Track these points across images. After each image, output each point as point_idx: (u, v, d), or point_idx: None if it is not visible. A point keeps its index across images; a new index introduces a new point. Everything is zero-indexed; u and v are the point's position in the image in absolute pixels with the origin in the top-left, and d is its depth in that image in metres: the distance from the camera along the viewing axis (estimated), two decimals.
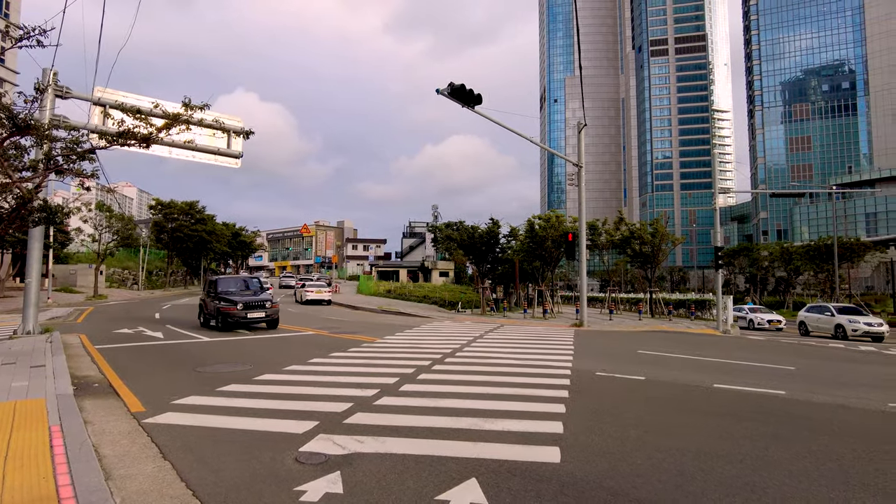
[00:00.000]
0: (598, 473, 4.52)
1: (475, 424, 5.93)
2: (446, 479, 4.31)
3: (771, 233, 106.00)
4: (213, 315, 16.66)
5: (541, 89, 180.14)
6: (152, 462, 4.60)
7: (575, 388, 8.24)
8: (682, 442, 5.52)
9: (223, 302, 16.35)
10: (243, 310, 16.21)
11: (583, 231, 22.11)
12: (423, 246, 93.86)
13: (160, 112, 13.63)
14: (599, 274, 56.70)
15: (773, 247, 53.46)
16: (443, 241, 44.29)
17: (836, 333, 23.21)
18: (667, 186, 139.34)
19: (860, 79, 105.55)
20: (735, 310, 28.66)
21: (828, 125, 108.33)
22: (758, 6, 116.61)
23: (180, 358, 10.99)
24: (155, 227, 53.03)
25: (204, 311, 17.97)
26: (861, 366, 12.89)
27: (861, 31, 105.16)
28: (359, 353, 11.83)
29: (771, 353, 14.67)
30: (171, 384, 8.11)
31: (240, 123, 19.92)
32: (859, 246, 42.28)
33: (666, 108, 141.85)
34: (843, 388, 9.11)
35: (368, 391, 7.56)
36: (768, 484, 4.36)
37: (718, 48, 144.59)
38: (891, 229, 79.17)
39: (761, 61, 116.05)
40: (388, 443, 5.22)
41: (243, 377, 8.67)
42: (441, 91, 16.32)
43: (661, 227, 32.12)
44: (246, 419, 6.10)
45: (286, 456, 4.84)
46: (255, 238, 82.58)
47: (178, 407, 6.65)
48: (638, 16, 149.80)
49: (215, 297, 16.79)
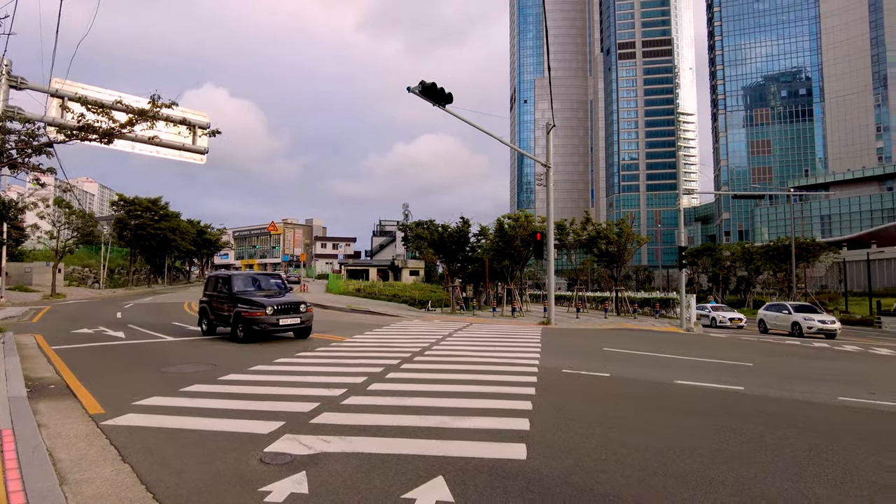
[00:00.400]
0: (564, 469, 4.59)
1: (442, 422, 5.96)
2: (413, 477, 4.32)
3: (733, 233, 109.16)
4: (229, 322, 13.77)
5: (511, 90, 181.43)
6: (111, 465, 4.48)
7: (542, 385, 8.34)
8: (646, 438, 5.65)
9: (246, 305, 13.30)
10: (274, 315, 13.17)
11: (551, 231, 22.36)
12: (393, 245, 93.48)
13: (123, 107, 13.27)
14: (567, 273, 57.39)
15: (734, 247, 55.02)
16: (413, 240, 44.21)
17: (793, 331, 24.01)
18: (633, 187, 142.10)
19: (816, 86, 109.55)
20: (698, 308, 29.40)
21: (786, 130, 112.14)
22: (721, 13, 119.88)
23: (143, 358, 10.72)
24: (117, 224, 51.53)
25: (207, 316, 14.96)
26: (814, 361, 13.37)
27: (817, 40, 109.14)
28: (327, 352, 11.73)
29: (731, 351, 15.10)
30: (133, 385, 7.91)
31: (206, 119, 19.52)
32: (815, 246, 43.83)
33: (633, 111, 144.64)
34: (796, 383, 9.45)
35: (336, 391, 7.51)
36: (726, 477, 4.50)
37: (684, 53, 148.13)
38: (843, 230, 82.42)
39: (724, 66, 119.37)
40: (354, 442, 5.20)
41: (208, 377, 8.52)
42: (412, 89, 16.29)
43: (627, 228, 32.69)
44: (210, 420, 5.99)
45: (251, 456, 4.78)
46: (220, 236, 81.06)
47: (139, 408, 6.49)
48: (606, 19, 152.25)
49: (230, 300, 13.89)
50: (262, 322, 13.04)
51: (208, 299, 15.13)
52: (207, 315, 14.98)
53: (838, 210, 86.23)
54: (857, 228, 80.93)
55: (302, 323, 13.85)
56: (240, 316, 13.21)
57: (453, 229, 35.87)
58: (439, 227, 36.96)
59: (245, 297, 13.74)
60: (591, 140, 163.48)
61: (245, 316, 13.10)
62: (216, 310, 14.59)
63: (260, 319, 13.05)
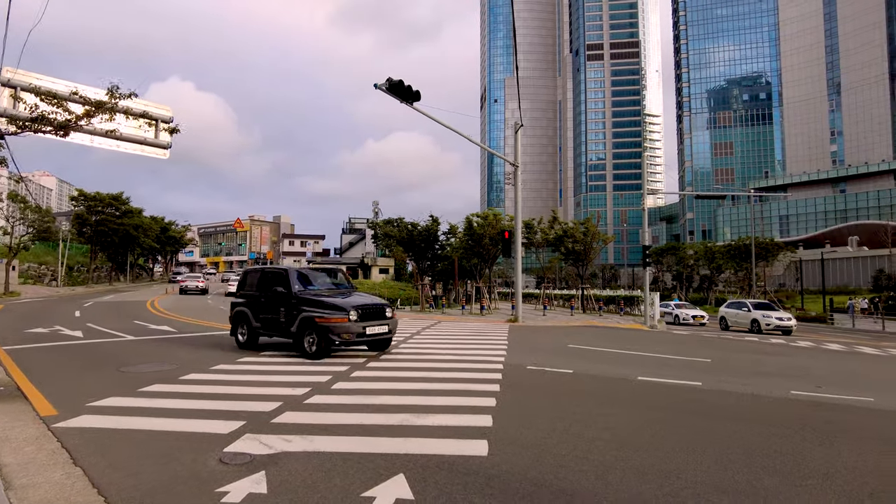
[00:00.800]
0: (524, 465, 4.65)
1: (406, 420, 5.96)
2: (374, 475, 4.32)
3: (697, 233, 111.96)
4: (284, 330, 10.98)
5: (481, 89, 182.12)
6: (61, 469, 4.34)
7: (506, 382, 8.41)
8: (606, 433, 5.76)
9: (317, 309, 10.37)
10: (359, 321, 10.30)
11: (518, 229, 22.56)
12: (363, 242, 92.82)
13: (79, 98, 12.83)
14: (535, 271, 58.06)
15: (697, 246, 56.51)
16: (382, 238, 44.05)
17: (752, 327, 24.79)
18: (600, 187, 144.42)
19: (775, 91, 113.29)
20: (662, 306, 30.07)
21: (748, 132, 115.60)
22: (686, 17, 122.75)
23: (101, 358, 10.41)
24: (77, 219, 49.87)
25: (246, 322, 12.01)
26: (770, 357, 13.83)
27: (776, 46, 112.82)
28: (292, 350, 11.59)
29: (692, 347, 15.50)
30: (89, 385, 7.68)
31: (168, 113, 18.97)
32: (773, 246, 45.37)
33: (601, 112, 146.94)
34: (752, 378, 9.76)
35: (299, 390, 7.44)
36: (682, 470, 4.62)
37: (651, 55, 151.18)
38: (800, 231, 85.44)
39: (689, 69, 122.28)
40: (316, 441, 5.16)
41: (168, 377, 8.33)
42: (379, 86, 16.21)
43: (592, 227, 33.23)
44: (169, 420, 5.87)
45: (209, 457, 4.69)
46: (185, 233, 79.28)
47: (94, 409, 6.30)
48: (576, 20, 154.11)
49: (289, 302, 10.90)
50: (343, 331, 10.11)
51: (246, 300, 12.24)
52: (247, 321, 11.99)
53: (795, 211, 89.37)
54: (812, 229, 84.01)
55: (389, 332, 11.05)
56: (311, 323, 10.32)
57: (422, 227, 35.87)
58: (409, 225, 36.92)
59: (313, 297, 10.79)
60: (559, 140, 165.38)
61: (320, 323, 10.18)
62: (263, 314, 11.62)
63: (341, 328, 10.10)
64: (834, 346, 17.86)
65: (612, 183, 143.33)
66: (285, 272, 11.61)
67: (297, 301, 10.77)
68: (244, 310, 12.15)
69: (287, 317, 10.89)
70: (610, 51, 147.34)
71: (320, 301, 10.59)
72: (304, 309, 10.55)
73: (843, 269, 61.41)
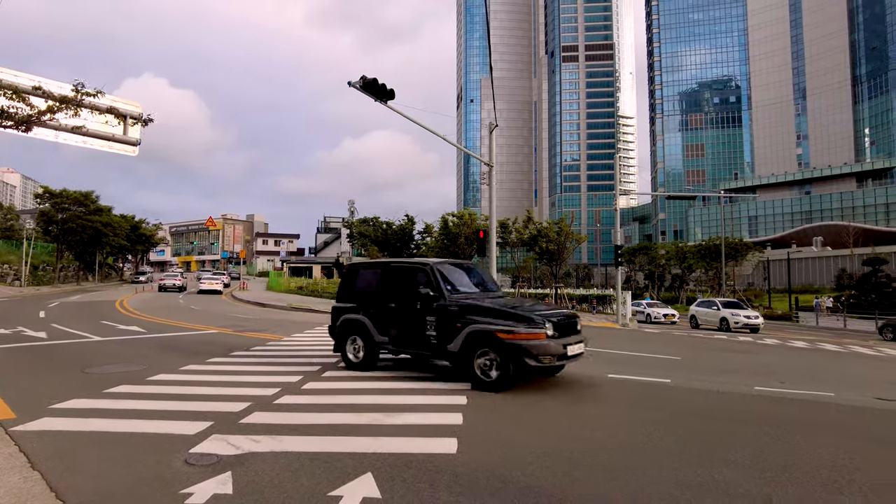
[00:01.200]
0: (492, 463, 4.68)
1: (376, 420, 5.95)
2: (342, 474, 4.30)
3: (669, 233, 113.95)
4: (454, 349, 7.90)
5: (458, 89, 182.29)
6: (18, 473, 4.22)
7: None
8: (576, 430, 5.83)
9: (499, 321, 7.67)
10: (557, 337, 7.73)
11: (493, 229, 22.64)
12: (338, 241, 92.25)
13: (42, 93, 12.48)
14: (511, 270, 58.29)
15: (669, 246, 57.57)
16: (358, 237, 43.82)
17: (721, 326, 25.34)
18: (575, 188, 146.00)
19: (744, 94, 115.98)
20: (634, 304, 30.56)
21: (718, 135, 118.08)
22: (660, 21, 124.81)
23: (66, 359, 10.14)
24: (42, 217, 48.38)
25: (364, 334, 9.11)
26: (738, 355, 14.18)
27: (745, 51, 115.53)
28: (263, 351, 11.47)
29: (663, 345, 15.79)
30: (52, 387, 7.48)
31: (138, 109, 18.55)
32: (742, 246, 46.53)
33: (575, 113, 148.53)
34: (719, 375, 10.00)
35: (269, 390, 7.36)
36: (647, 466, 4.71)
37: (625, 58, 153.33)
38: (768, 231, 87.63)
39: (662, 72, 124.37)
40: (285, 441, 5.12)
41: (135, 378, 8.16)
42: (353, 84, 16.08)
43: (566, 227, 33.58)
44: (134, 421, 5.75)
45: (175, 458, 4.62)
46: (156, 231, 77.62)
47: (56, 412, 6.14)
48: (551, 21, 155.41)
49: (451, 310, 8.05)
50: (542, 351, 7.38)
51: (361, 305, 9.30)
52: (365, 334, 9.08)
53: (763, 212, 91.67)
54: (780, 229, 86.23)
55: (583, 352, 8.37)
56: (489, 340, 7.60)
57: (398, 226, 35.83)
58: (384, 224, 36.84)
59: (483, 304, 8.04)
60: (535, 140, 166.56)
61: (506, 340, 7.45)
62: (395, 325, 8.78)
63: (539, 347, 7.39)
64: (799, 344, 18.37)
65: (587, 183, 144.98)
66: (428, 267, 8.64)
67: (459, 309, 8.01)
68: (360, 319, 9.19)
69: (442, 329, 8.09)
70: (585, 52, 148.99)
71: (498, 310, 7.83)
72: (472, 319, 7.82)
73: (808, 269, 63.24)
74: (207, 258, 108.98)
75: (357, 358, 9.22)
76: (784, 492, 4.18)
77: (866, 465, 4.88)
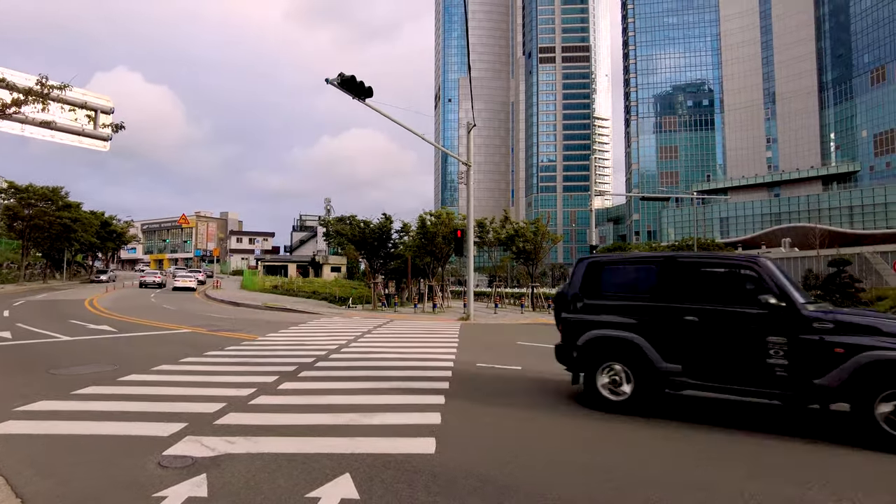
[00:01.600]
0: (470, 462, 4.71)
1: (353, 420, 5.93)
2: (319, 475, 4.28)
3: (642, 233, 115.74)
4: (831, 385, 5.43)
5: (436, 88, 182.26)
6: None
7: (456, 380, 8.47)
8: (555, 429, 5.90)
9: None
10: None
11: (471, 228, 22.74)
12: (314, 240, 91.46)
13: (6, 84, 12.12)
14: (488, 270, 58.56)
15: (642, 246, 58.47)
16: (334, 236, 43.54)
17: None
18: (551, 188, 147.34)
19: (717, 98, 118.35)
20: None
21: (691, 137, 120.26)
22: (635, 24, 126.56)
23: (31, 359, 9.87)
24: (7, 213, 46.86)
25: (645, 363, 6.44)
26: None
27: (718, 55, 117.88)
28: (237, 351, 11.32)
29: None
30: (16, 389, 7.28)
31: (109, 104, 18.14)
32: (715, 247, 47.49)
33: (552, 114, 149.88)
34: None
35: (244, 390, 7.28)
36: (619, 464, 4.80)
37: (601, 60, 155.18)
38: (739, 232, 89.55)
39: (637, 75, 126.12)
40: (260, 442, 5.07)
41: (106, 378, 7.99)
42: (331, 81, 15.99)
43: (542, 227, 33.77)
44: (105, 423, 5.64)
45: (148, 461, 4.55)
46: (127, 229, 75.86)
47: (22, 414, 5.98)
48: (529, 23, 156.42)
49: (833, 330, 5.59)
50: None
51: (628, 317, 6.73)
52: (636, 358, 6.55)
53: (735, 213, 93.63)
54: (750, 230, 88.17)
55: None
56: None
57: (375, 225, 35.61)
58: (361, 222, 36.56)
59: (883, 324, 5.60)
60: (512, 141, 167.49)
61: None
62: (699, 349, 6.24)
63: None
64: None
65: (562, 184, 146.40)
66: (756, 266, 6.17)
67: (836, 326, 5.63)
68: (626, 337, 6.63)
69: (800, 357, 5.68)
70: (562, 54, 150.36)
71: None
72: (863, 344, 5.41)
73: None
74: (180, 256, 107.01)
75: (618, 394, 6.66)
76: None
77: None
